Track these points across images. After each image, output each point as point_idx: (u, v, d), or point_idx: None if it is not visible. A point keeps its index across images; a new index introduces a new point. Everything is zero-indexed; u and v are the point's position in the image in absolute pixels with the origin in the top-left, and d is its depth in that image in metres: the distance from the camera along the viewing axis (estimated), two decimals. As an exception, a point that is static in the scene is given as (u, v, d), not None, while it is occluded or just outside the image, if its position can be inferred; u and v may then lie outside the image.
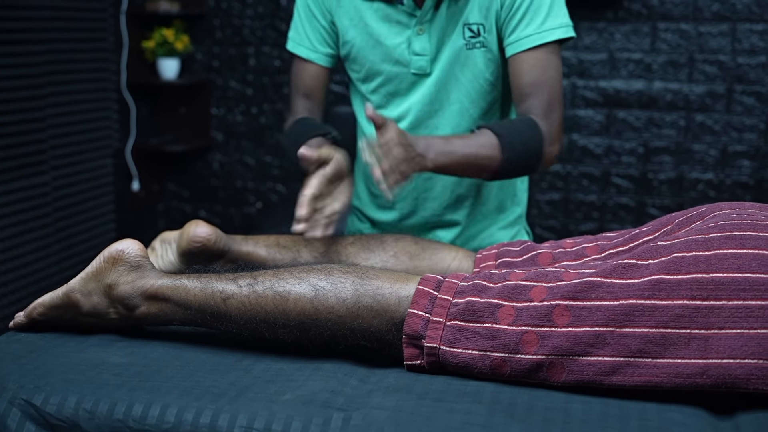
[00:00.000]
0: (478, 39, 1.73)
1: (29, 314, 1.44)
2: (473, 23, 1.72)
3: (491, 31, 1.73)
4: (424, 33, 1.74)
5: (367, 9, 1.77)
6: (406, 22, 1.75)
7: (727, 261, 1.20)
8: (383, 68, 1.81)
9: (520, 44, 1.68)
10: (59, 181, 3.67)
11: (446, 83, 1.78)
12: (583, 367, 1.20)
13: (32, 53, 3.47)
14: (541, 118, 1.68)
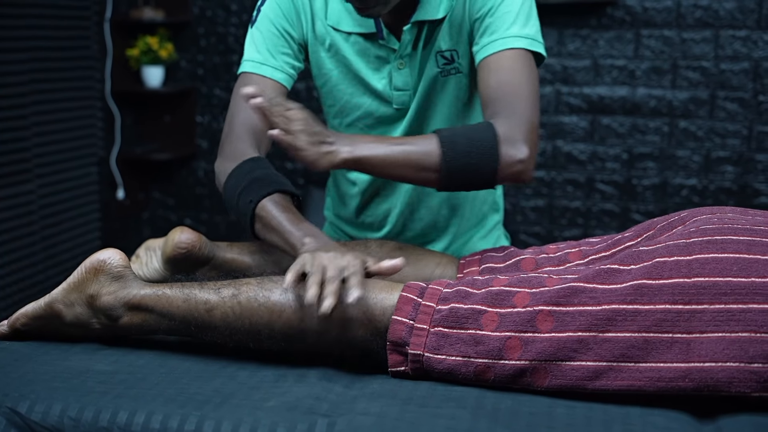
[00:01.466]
0: (452, 65, 1.68)
1: (12, 325, 1.44)
2: (445, 50, 1.67)
3: (465, 55, 1.68)
4: (404, 67, 1.69)
5: (343, 42, 1.69)
6: (385, 56, 1.69)
7: (709, 265, 1.21)
8: (362, 102, 1.75)
9: (484, 50, 1.60)
10: (44, 190, 3.66)
11: (425, 112, 1.74)
12: (567, 372, 1.20)
13: (16, 61, 3.46)
14: (503, 119, 1.52)
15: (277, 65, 1.68)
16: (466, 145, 1.47)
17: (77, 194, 3.91)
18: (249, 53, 1.70)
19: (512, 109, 1.53)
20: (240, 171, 1.57)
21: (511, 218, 3.98)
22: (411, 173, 1.49)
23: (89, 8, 3.93)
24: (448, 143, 1.47)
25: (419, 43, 1.67)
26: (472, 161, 1.48)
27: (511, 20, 1.59)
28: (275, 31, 1.68)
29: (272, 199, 1.51)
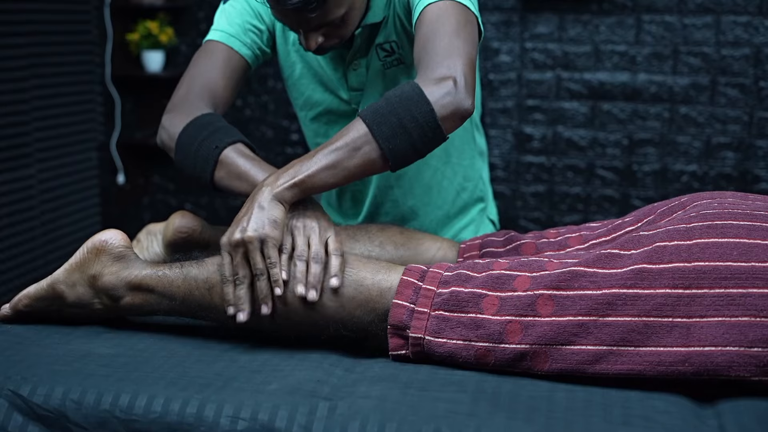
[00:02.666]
0: (394, 57, 1.67)
1: (14, 306, 1.44)
2: (384, 42, 1.65)
3: (405, 45, 1.65)
4: (359, 68, 1.69)
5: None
6: (339, 57, 1.69)
7: (709, 250, 1.21)
8: (323, 99, 1.76)
9: (413, 16, 1.50)
10: (44, 174, 3.66)
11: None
12: (567, 355, 1.21)
13: (16, 46, 3.46)
14: (423, 68, 1.41)
15: (246, 42, 1.68)
16: (387, 106, 1.36)
17: (77, 179, 3.91)
18: (219, 24, 1.69)
19: (430, 59, 1.41)
20: (200, 122, 1.54)
21: (510, 203, 3.99)
22: (354, 164, 1.36)
23: (89, -7, 3.92)
24: (369, 113, 1.36)
25: (365, 41, 1.66)
26: (402, 118, 1.35)
27: None
28: (249, 11, 1.68)
29: (236, 148, 1.50)
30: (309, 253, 1.32)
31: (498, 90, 3.91)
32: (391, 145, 1.35)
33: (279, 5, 1.42)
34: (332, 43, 1.54)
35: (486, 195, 1.96)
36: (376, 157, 1.36)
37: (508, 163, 3.98)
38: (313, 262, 1.31)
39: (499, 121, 3.94)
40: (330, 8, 1.45)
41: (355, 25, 1.56)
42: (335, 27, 1.50)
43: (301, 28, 1.48)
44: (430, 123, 1.36)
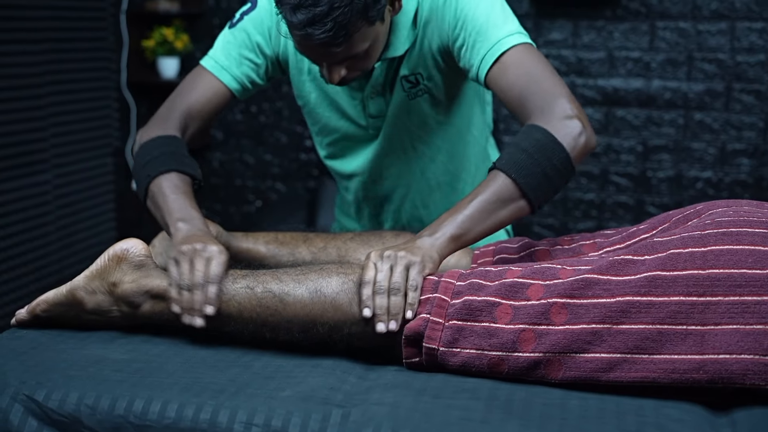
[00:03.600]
0: (418, 88, 1.70)
1: (32, 310, 1.45)
2: (409, 75, 1.68)
3: (430, 76, 1.68)
4: (377, 96, 1.71)
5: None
6: (357, 86, 1.71)
7: (723, 257, 1.21)
8: (340, 125, 1.78)
9: (483, 65, 1.56)
10: (60, 180, 3.68)
11: (395, 134, 1.76)
12: (581, 364, 1.20)
13: (33, 52, 3.48)
14: (538, 112, 1.49)
15: (236, 75, 1.72)
16: (528, 158, 1.43)
17: (93, 184, 3.93)
18: (216, 52, 1.74)
19: (539, 100, 1.50)
20: (150, 145, 1.61)
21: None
22: (504, 215, 1.43)
23: (105, 0, 3.94)
24: (512, 166, 1.42)
25: (388, 73, 1.69)
26: (544, 165, 1.43)
27: (490, 27, 1.56)
28: (249, 44, 1.71)
29: (168, 177, 1.55)
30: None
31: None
32: (537, 195, 1.44)
33: (305, 40, 1.43)
34: (355, 75, 1.56)
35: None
36: (524, 206, 1.44)
37: (522, 169, 3.96)
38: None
39: (513, 127, 3.94)
40: (354, 43, 1.46)
41: (377, 57, 1.58)
42: (358, 60, 1.52)
43: (325, 61, 1.50)
44: (567, 167, 1.45)
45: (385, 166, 1.82)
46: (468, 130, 1.82)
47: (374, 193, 1.88)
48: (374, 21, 1.47)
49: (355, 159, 1.83)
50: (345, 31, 1.41)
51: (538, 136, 1.44)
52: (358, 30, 1.44)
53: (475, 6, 1.57)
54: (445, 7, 1.60)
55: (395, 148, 1.79)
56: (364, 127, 1.77)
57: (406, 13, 1.62)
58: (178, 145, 1.62)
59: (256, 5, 1.71)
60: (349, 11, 1.39)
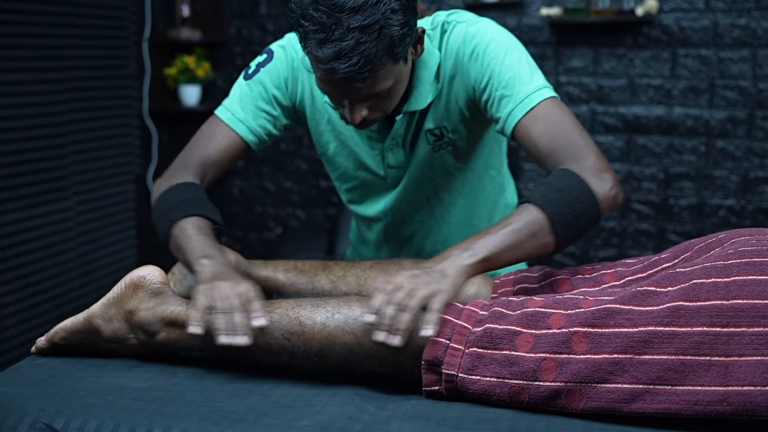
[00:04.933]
0: (443, 140, 1.71)
1: (51, 339, 1.45)
2: (434, 128, 1.69)
3: (453, 129, 1.69)
4: (397, 147, 1.72)
5: (340, 119, 1.70)
6: (377, 137, 1.73)
7: (747, 287, 1.19)
8: (358, 174, 1.80)
9: (511, 119, 1.58)
10: (81, 207, 3.70)
11: (420, 184, 1.78)
12: (602, 394, 1.19)
13: (55, 80, 3.52)
14: (570, 162, 1.52)
15: (252, 127, 1.73)
16: (561, 197, 1.45)
17: (114, 211, 3.95)
18: (232, 103, 1.75)
19: (572, 150, 1.53)
20: (171, 192, 1.63)
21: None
22: (531, 246, 1.44)
23: (128, 28, 3.98)
24: (546, 202, 1.44)
25: (410, 125, 1.70)
26: (575, 207, 1.46)
27: (517, 82, 1.58)
28: (265, 97, 1.73)
29: (189, 221, 1.55)
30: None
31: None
32: (565, 235, 1.46)
33: (330, 74, 1.43)
34: (376, 117, 1.56)
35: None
36: (550, 242, 1.45)
37: (543, 196, 3.96)
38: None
39: (534, 154, 3.93)
40: (378, 79, 1.47)
41: (399, 99, 1.58)
42: (380, 99, 1.53)
43: (348, 99, 1.50)
44: (594, 215, 1.49)
45: (407, 213, 1.84)
46: (486, 171, 1.84)
47: (395, 236, 1.90)
48: (398, 59, 1.48)
49: (376, 204, 1.85)
50: (370, 66, 1.41)
51: (572, 180, 1.47)
52: (383, 66, 1.44)
53: (501, 61, 1.60)
54: (471, 62, 1.62)
55: (417, 196, 1.81)
56: (382, 177, 1.79)
57: (428, 67, 1.64)
58: (197, 191, 1.64)
59: (272, 57, 1.73)
60: (374, 47, 1.40)
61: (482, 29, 1.63)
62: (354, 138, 1.75)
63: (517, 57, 1.61)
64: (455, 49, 1.64)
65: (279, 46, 1.74)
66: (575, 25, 3.78)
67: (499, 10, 3.88)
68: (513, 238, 1.42)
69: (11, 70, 3.29)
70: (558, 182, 1.47)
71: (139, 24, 4.08)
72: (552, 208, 1.44)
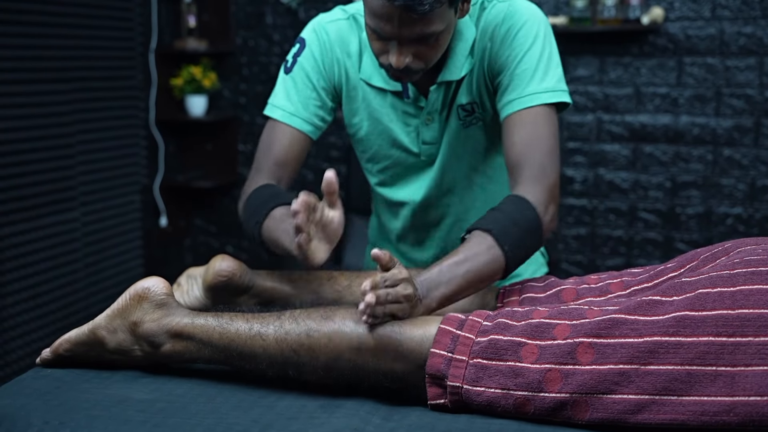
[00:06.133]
0: (473, 116, 1.73)
1: (55, 350, 1.45)
2: (466, 104, 1.72)
3: (484, 106, 1.72)
4: (432, 122, 1.74)
5: (374, 96, 1.75)
6: (413, 112, 1.75)
7: (753, 297, 1.19)
8: (391, 153, 1.81)
9: (507, 108, 1.64)
10: (88, 217, 3.71)
11: (451, 163, 1.79)
12: (608, 405, 1.18)
13: (62, 91, 3.53)
14: (531, 185, 1.57)
15: (307, 117, 1.75)
16: (520, 235, 1.50)
17: (121, 221, 3.96)
18: (280, 100, 1.77)
19: (541, 173, 1.58)
20: (250, 199, 1.67)
21: (553, 246, 3.96)
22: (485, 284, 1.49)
23: (134, 39, 4.00)
24: (506, 240, 1.48)
25: (444, 100, 1.72)
26: (527, 247, 1.53)
27: (529, 76, 1.62)
28: (309, 84, 1.75)
29: (272, 216, 1.57)
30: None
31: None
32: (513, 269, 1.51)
33: (388, 3, 1.45)
34: (418, 67, 1.57)
35: None
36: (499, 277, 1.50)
37: (549, 205, 3.95)
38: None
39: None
40: (433, 18, 1.48)
41: (442, 52, 1.60)
42: (427, 48, 1.54)
43: (398, 37, 1.51)
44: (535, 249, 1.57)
45: (438, 196, 1.84)
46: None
47: (423, 221, 1.90)
48: (454, 3, 1.50)
49: (408, 187, 1.86)
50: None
51: (531, 218, 1.53)
52: (440, 4, 1.46)
53: (526, 49, 1.63)
54: (504, 41, 1.65)
55: (451, 177, 1.81)
56: (416, 155, 1.79)
57: (464, 39, 1.67)
58: (274, 188, 1.67)
59: (305, 44, 1.76)
60: None
61: (521, 10, 1.66)
62: (389, 115, 1.76)
63: (541, 50, 1.64)
64: (492, 26, 1.66)
65: (310, 31, 1.77)
66: (581, 34, 3.78)
67: (505, 20, 3.87)
68: (473, 281, 1.45)
69: (18, 81, 3.30)
70: (518, 214, 1.52)
71: (146, 35, 4.10)
72: (511, 251, 1.48)
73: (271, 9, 4.21)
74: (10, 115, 3.25)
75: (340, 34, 1.75)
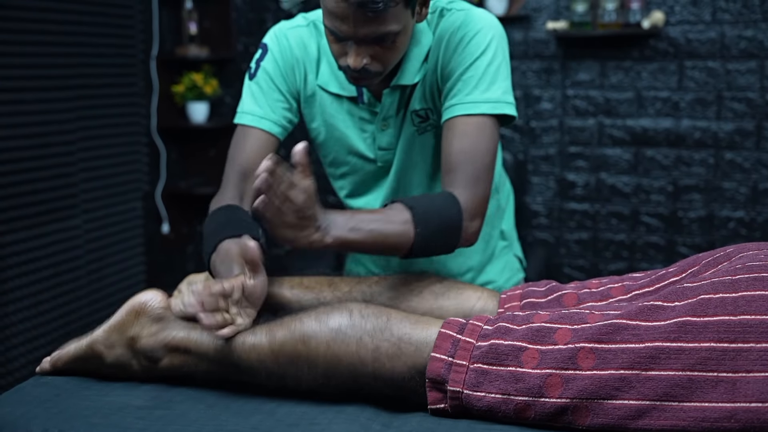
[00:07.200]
0: (428, 122, 1.74)
1: (54, 363, 1.45)
2: (419, 109, 1.72)
3: (438, 112, 1.72)
4: (387, 128, 1.75)
5: (330, 103, 1.77)
6: (368, 118, 1.76)
7: (755, 303, 1.18)
8: (348, 160, 1.82)
9: (448, 112, 1.64)
10: (90, 225, 3.71)
11: (406, 169, 1.79)
12: (609, 410, 1.18)
13: (64, 99, 3.53)
14: (463, 190, 1.59)
15: (276, 120, 1.76)
16: (438, 226, 1.53)
17: (123, 228, 3.96)
18: (249, 106, 1.77)
19: (474, 181, 1.60)
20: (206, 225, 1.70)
21: (554, 251, 3.95)
22: (383, 251, 1.53)
23: (136, 46, 4.00)
24: (422, 223, 1.50)
25: (399, 105, 1.73)
26: (438, 239, 1.54)
27: (473, 84, 1.63)
28: (274, 87, 1.76)
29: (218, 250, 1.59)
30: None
31: (540, 137, 3.90)
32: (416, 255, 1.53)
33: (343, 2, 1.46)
34: (376, 69, 1.57)
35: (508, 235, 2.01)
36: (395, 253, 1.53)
37: (551, 210, 3.96)
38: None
39: (542, 168, 3.93)
40: (388, 18, 1.49)
41: (401, 55, 1.60)
42: (384, 49, 1.55)
43: (354, 37, 1.52)
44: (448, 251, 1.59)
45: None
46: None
47: None
48: (409, 4, 1.51)
49: (367, 195, 1.87)
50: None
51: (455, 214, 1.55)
52: (395, 3, 1.47)
53: (477, 56, 1.64)
54: (455, 48, 1.65)
55: (407, 184, 1.82)
56: (372, 161, 1.80)
57: (420, 45, 1.68)
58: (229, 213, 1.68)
59: (267, 50, 1.77)
60: None
61: (476, 19, 1.67)
62: (345, 121, 1.78)
63: (490, 60, 1.64)
64: (448, 33, 1.67)
65: (271, 37, 1.78)
66: (582, 39, 3.78)
67: (506, 24, 3.88)
68: (376, 240, 1.47)
69: (20, 89, 3.30)
70: (445, 209, 1.54)
71: (147, 42, 4.10)
72: (425, 233, 1.50)
73: (272, 15, 4.21)
74: (12, 123, 3.26)
75: (299, 40, 1.77)
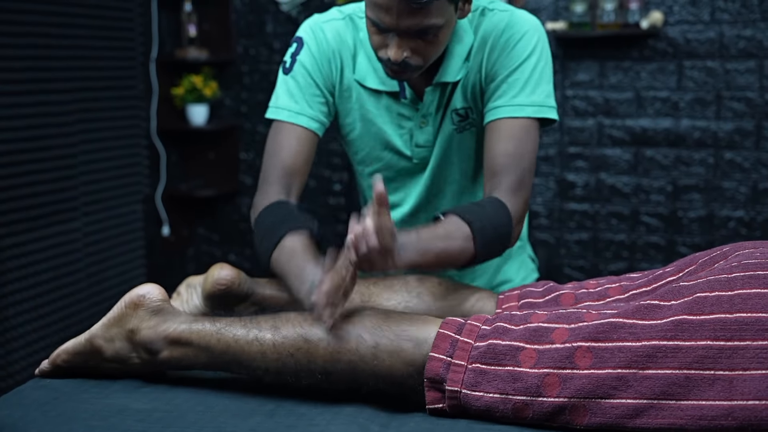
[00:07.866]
0: (467, 121, 1.73)
1: (53, 361, 1.45)
2: (460, 108, 1.72)
3: (478, 112, 1.73)
4: (426, 125, 1.74)
5: (368, 98, 1.75)
6: (408, 114, 1.74)
7: (751, 301, 1.19)
8: (383, 155, 1.81)
9: (491, 114, 1.65)
10: (90, 227, 3.71)
11: (442, 168, 1.79)
12: (606, 409, 1.18)
13: (64, 102, 3.53)
14: (510, 196, 1.60)
15: (313, 115, 1.73)
16: (492, 236, 1.54)
17: (123, 231, 3.96)
18: (284, 101, 1.74)
19: (518, 186, 1.62)
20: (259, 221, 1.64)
21: (554, 251, 3.95)
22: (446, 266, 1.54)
23: (135, 49, 4.00)
24: (481, 236, 1.51)
25: (440, 103, 1.73)
26: (494, 248, 1.57)
27: (519, 87, 1.64)
28: (311, 81, 1.73)
29: (282, 247, 1.54)
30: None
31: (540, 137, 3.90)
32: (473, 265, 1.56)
33: None
34: (416, 63, 1.56)
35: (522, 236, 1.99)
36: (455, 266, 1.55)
37: (551, 210, 3.96)
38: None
39: (542, 168, 3.93)
40: (432, 11, 1.48)
41: (442, 49, 1.60)
42: (425, 43, 1.54)
43: (396, 29, 1.51)
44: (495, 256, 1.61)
45: (428, 200, 1.84)
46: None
47: (412, 226, 1.87)
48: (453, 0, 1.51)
49: (399, 191, 1.85)
50: None
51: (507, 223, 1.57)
52: None
53: (524, 59, 1.65)
54: (501, 49, 1.66)
55: (442, 182, 1.81)
56: (408, 158, 1.79)
57: (462, 43, 1.68)
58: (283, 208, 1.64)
59: (302, 43, 1.75)
60: None
61: (521, 21, 1.67)
62: (383, 116, 1.76)
63: (535, 64, 1.65)
64: (492, 34, 1.67)
65: (306, 30, 1.76)
66: (581, 39, 3.78)
67: (505, 25, 3.88)
68: (440, 258, 1.48)
69: (20, 92, 3.31)
70: (498, 220, 1.56)
71: (147, 44, 4.11)
72: (484, 245, 1.52)
73: (272, 17, 4.22)
74: (12, 126, 3.26)
75: (336, 33, 1.75)
